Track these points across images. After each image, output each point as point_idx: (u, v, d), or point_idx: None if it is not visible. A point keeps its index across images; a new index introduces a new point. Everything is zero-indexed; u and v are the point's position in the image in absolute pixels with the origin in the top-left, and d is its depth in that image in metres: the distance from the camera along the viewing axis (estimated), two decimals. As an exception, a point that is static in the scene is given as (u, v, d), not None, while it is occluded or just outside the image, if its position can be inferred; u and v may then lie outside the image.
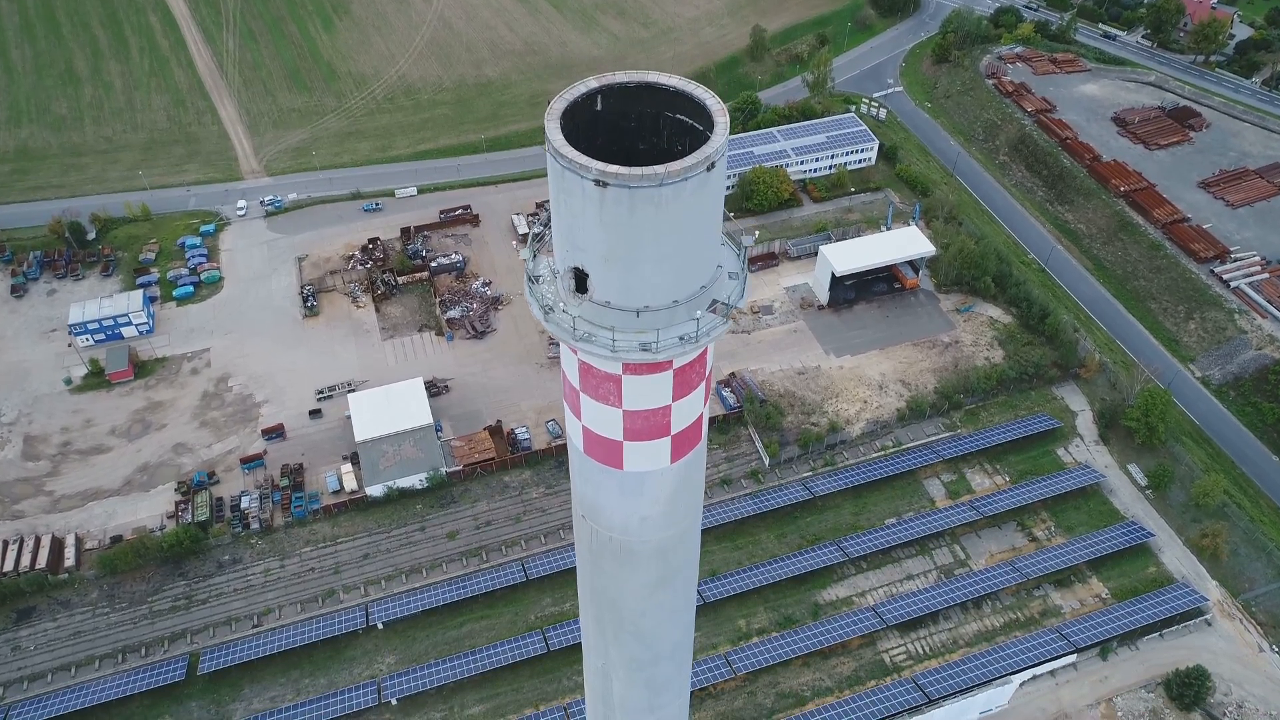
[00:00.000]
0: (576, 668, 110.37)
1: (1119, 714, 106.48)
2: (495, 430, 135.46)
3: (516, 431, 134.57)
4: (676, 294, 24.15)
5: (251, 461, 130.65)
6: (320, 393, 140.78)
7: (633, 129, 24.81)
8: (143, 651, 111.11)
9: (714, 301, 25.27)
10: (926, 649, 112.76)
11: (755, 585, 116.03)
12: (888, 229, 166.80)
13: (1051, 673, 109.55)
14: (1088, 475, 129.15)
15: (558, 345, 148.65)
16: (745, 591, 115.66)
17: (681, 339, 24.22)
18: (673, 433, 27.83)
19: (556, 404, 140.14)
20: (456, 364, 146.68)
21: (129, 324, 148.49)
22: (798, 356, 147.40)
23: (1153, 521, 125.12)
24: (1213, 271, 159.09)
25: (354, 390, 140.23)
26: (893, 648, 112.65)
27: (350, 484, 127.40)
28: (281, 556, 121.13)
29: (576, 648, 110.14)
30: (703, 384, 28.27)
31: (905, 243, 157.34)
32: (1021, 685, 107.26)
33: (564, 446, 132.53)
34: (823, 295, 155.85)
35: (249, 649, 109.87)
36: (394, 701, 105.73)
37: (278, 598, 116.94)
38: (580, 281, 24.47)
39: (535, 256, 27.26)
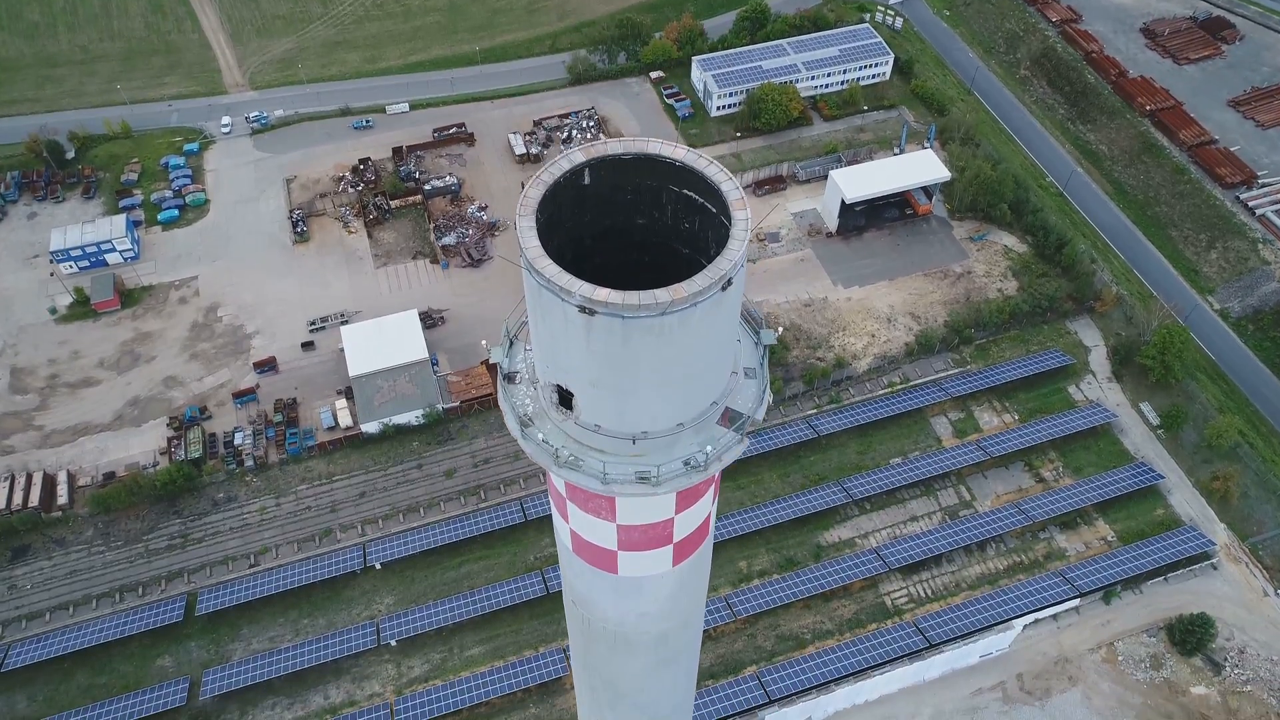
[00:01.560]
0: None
1: (1120, 658, 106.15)
2: (492, 364, 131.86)
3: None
4: (681, 416, 20.13)
5: (244, 396, 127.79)
6: (312, 324, 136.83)
7: (628, 201, 20.35)
8: (140, 591, 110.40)
9: (728, 412, 21.20)
10: (928, 592, 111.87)
11: (757, 527, 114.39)
12: (901, 151, 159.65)
13: (1053, 617, 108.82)
14: (1099, 414, 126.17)
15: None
16: (747, 533, 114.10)
17: (688, 465, 20.34)
18: (675, 541, 24.23)
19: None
20: (452, 294, 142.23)
21: (113, 250, 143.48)
22: (804, 287, 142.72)
23: (1163, 463, 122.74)
24: (1238, 198, 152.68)
25: (347, 322, 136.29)
26: (894, 590, 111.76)
27: (345, 420, 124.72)
28: (277, 494, 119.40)
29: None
30: (711, 488, 24.42)
31: (919, 167, 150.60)
32: (1023, 629, 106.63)
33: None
34: (831, 222, 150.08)
35: (246, 589, 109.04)
36: (393, 643, 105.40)
37: (274, 537, 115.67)
38: (565, 398, 20.40)
39: (512, 345, 22.89)
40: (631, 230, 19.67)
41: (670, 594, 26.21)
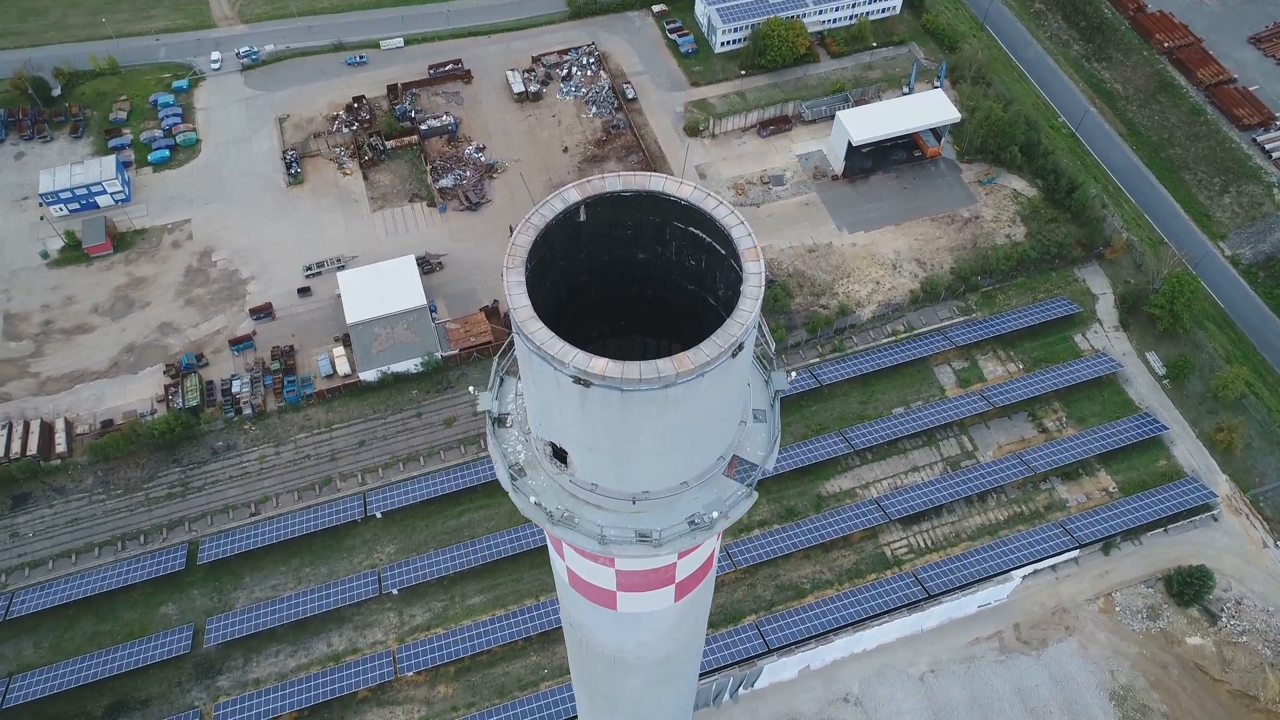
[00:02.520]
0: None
1: (1117, 609, 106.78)
2: (491, 311, 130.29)
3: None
4: (686, 475, 18.65)
5: (240, 343, 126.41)
6: (308, 269, 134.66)
7: (629, 237, 18.55)
8: (141, 539, 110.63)
9: (735, 462, 19.68)
10: (928, 542, 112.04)
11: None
12: (910, 91, 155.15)
13: (1052, 567, 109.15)
14: (1104, 364, 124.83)
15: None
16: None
17: (693, 525, 18.94)
18: (678, 580, 22.98)
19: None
20: (450, 238, 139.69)
21: (103, 193, 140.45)
22: (809, 232, 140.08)
23: (1168, 413, 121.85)
24: (1255, 140, 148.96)
25: (344, 267, 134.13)
26: (894, 541, 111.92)
27: (343, 368, 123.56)
28: (276, 443, 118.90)
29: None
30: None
31: (928, 108, 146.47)
32: (1022, 580, 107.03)
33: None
34: (837, 164, 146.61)
35: (248, 538, 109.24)
36: (395, 591, 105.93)
37: (274, 485, 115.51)
38: (560, 453, 18.85)
39: (503, 382, 21.18)
40: (632, 265, 18.02)
41: (672, 626, 25.24)
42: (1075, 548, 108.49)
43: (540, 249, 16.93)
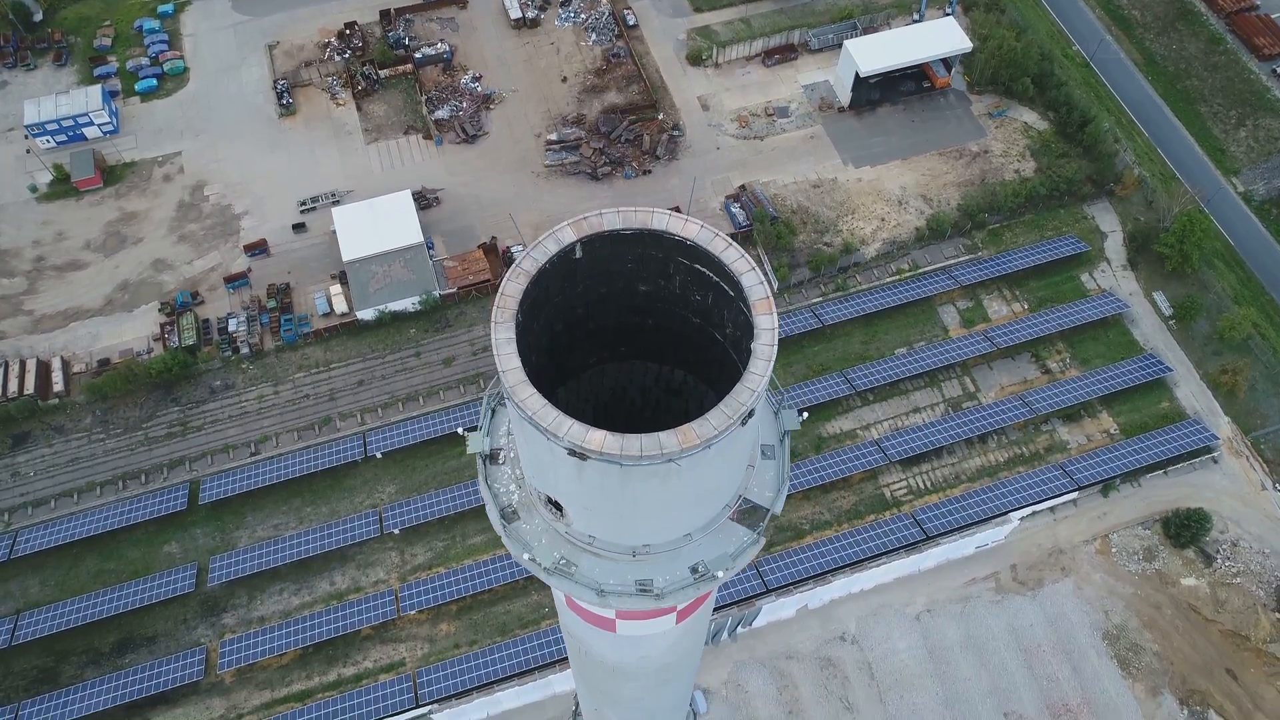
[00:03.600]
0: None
1: (1114, 550, 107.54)
2: (489, 248, 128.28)
3: (512, 250, 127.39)
4: (689, 528, 17.51)
5: (236, 280, 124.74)
6: (303, 204, 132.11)
7: (629, 270, 17.06)
8: (143, 479, 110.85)
9: (742, 501, 18.53)
10: (928, 483, 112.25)
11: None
12: (920, 19, 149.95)
13: (1051, 509, 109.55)
14: (1110, 305, 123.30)
15: (555, 151, 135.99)
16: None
17: (697, 574, 17.85)
18: (679, 607, 22.08)
19: (554, 218, 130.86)
20: (446, 172, 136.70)
21: (90, 124, 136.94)
22: (813, 167, 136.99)
23: (1172, 354, 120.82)
24: (1275, 71, 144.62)
25: (338, 202, 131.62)
26: (894, 482, 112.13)
27: (340, 306, 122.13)
28: (274, 382, 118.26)
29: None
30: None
31: (939, 37, 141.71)
32: (1020, 521, 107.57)
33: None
34: (844, 96, 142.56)
35: (249, 478, 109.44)
36: (397, 531, 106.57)
37: (274, 425, 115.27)
38: (555, 503, 17.66)
39: (494, 415, 19.84)
40: (633, 297, 16.70)
41: (672, 643, 24.55)
42: (1074, 490, 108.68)
43: (532, 292, 15.61)
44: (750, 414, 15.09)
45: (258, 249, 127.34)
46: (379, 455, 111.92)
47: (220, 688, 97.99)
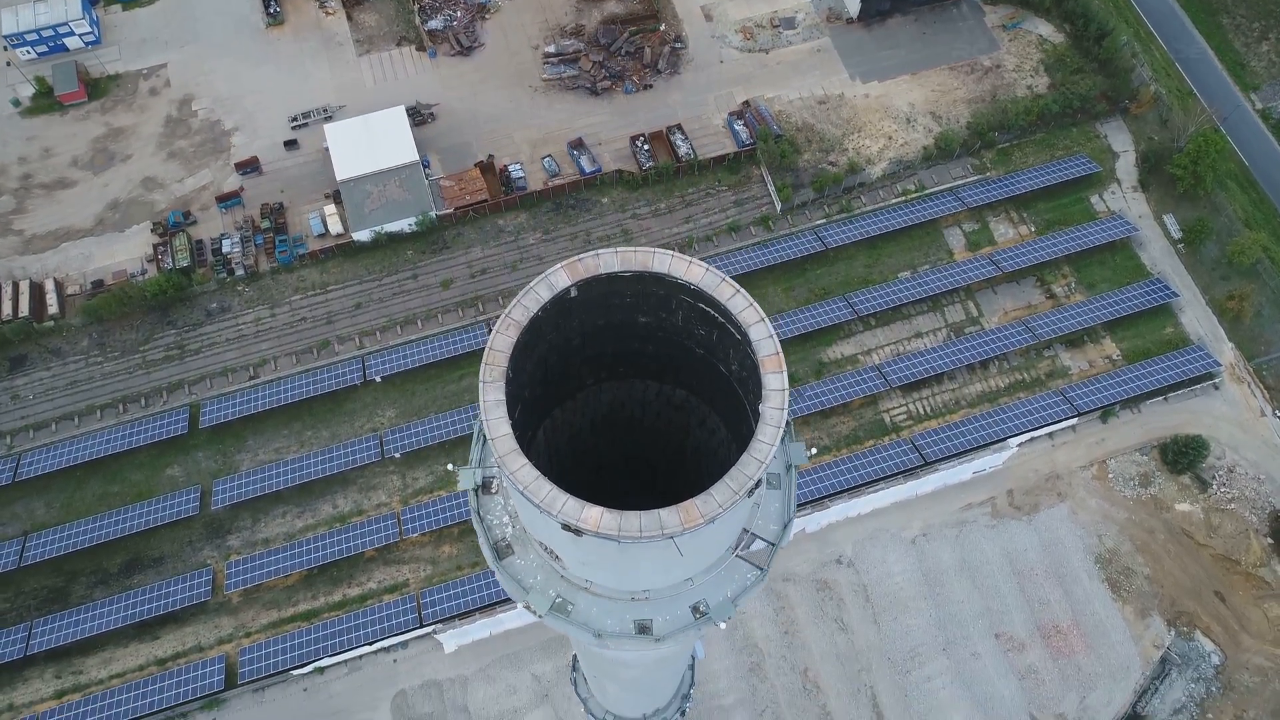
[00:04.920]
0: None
1: (1111, 476, 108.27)
2: (486, 167, 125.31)
3: (510, 169, 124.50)
4: (690, 574, 16.62)
5: (228, 200, 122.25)
6: (294, 120, 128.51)
7: (628, 303, 15.77)
8: (142, 402, 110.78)
9: (744, 534, 17.63)
10: (928, 409, 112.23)
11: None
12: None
13: (1049, 435, 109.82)
14: (1119, 228, 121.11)
15: (553, 64, 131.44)
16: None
17: (698, 613, 17.03)
18: None
19: (552, 135, 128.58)
20: (441, 86, 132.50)
21: (71, 34, 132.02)
22: (820, 82, 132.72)
23: (1179, 279, 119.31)
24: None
25: (330, 118, 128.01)
26: (894, 408, 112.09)
27: (335, 227, 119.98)
28: (271, 305, 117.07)
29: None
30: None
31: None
32: (1018, 447, 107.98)
33: (561, 187, 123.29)
34: (853, 6, 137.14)
35: (248, 402, 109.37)
36: (398, 455, 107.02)
37: (272, 348, 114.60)
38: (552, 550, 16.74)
39: (484, 443, 18.76)
40: (632, 327, 15.53)
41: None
42: (1074, 416, 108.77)
43: (524, 339, 14.49)
44: (758, 485, 14.18)
45: (249, 167, 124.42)
46: (378, 379, 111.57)
47: (228, 607, 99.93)
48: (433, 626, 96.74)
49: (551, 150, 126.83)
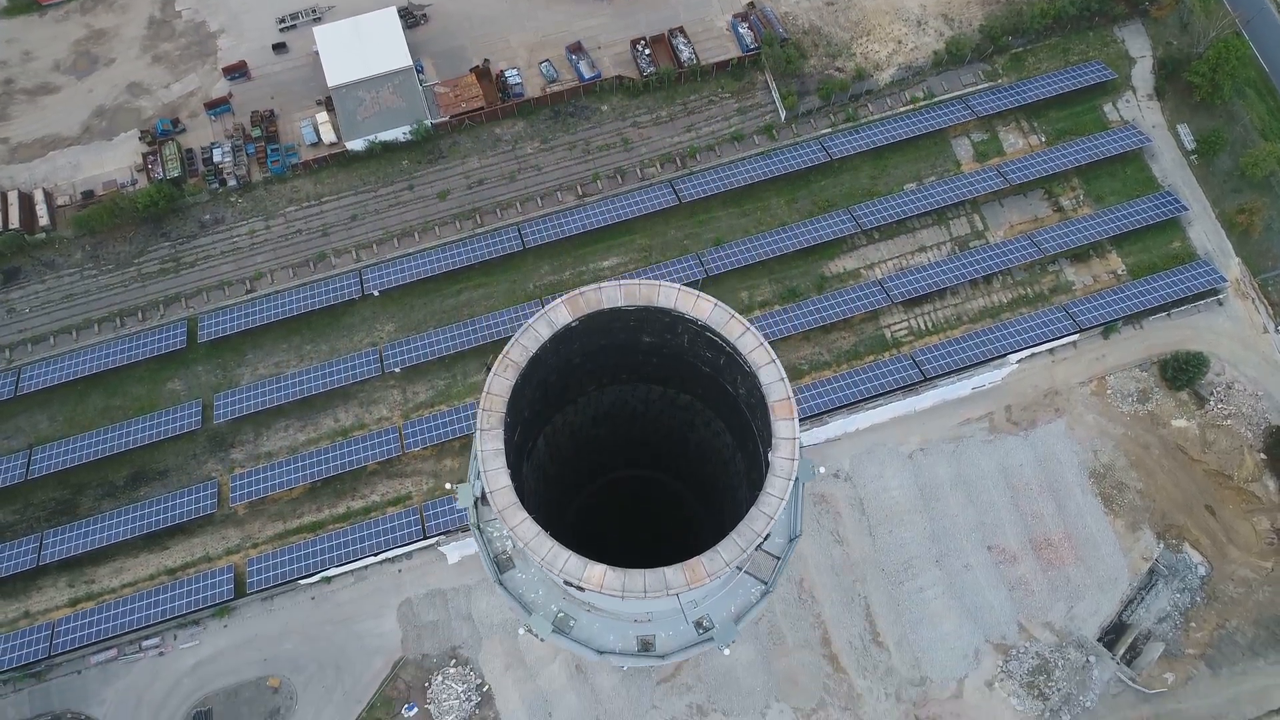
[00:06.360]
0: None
1: (1109, 391, 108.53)
2: (483, 73, 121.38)
3: (507, 74, 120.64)
4: (694, 597, 16.10)
5: (217, 107, 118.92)
6: (282, 22, 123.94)
7: (632, 326, 14.77)
8: (140, 316, 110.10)
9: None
10: (929, 324, 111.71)
11: (761, 257, 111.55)
12: None
13: (1050, 351, 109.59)
14: (1131, 138, 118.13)
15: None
16: (750, 264, 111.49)
17: (701, 629, 16.56)
18: None
19: (551, 40, 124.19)
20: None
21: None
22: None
23: (1190, 191, 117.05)
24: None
25: (320, 20, 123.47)
26: (895, 323, 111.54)
27: (328, 136, 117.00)
28: (265, 216, 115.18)
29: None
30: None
31: None
32: (1018, 363, 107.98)
33: (560, 94, 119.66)
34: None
35: (246, 316, 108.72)
36: (398, 369, 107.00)
37: (267, 261, 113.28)
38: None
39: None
40: (636, 347, 14.66)
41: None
42: (1075, 332, 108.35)
43: (525, 371, 13.65)
44: (765, 539, 13.63)
45: (237, 72, 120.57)
46: (376, 293, 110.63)
47: (234, 519, 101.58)
48: (437, 538, 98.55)
49: (549, 55, 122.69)
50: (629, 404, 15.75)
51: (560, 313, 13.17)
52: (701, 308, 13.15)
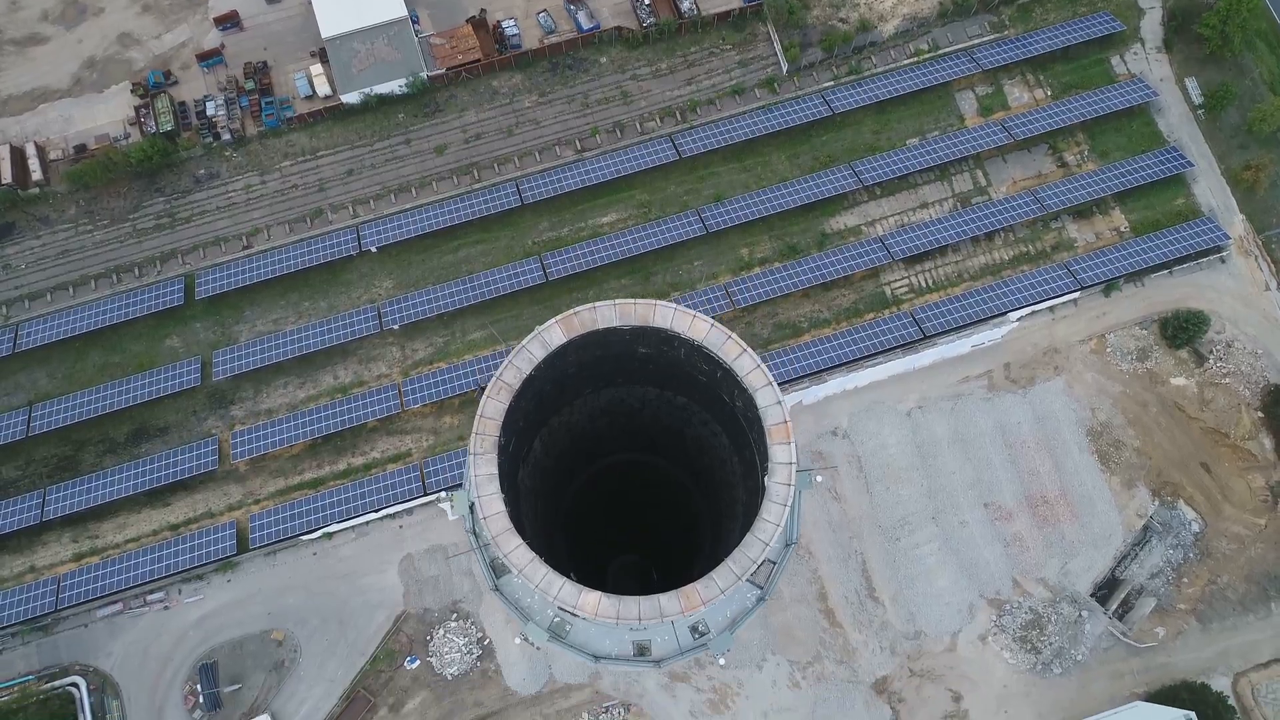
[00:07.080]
0: (575, 296, 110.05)
1: (1108, 349, 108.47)
2: (479, 24, 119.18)
3: (504, 25, 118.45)
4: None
5: (209, 59, 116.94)
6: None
7: (628, 340, 14.47)
8: (136, 272, 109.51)
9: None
10: (930, 282, 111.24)
11: (762, 214, 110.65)
12: None
13: (1050, 308, 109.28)
14: (1138, 92, 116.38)
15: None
16: (750, 220, 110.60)
17: (697, 634, 16.54)
18: None
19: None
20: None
21: None
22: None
23: (1195, 147, 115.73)
24: None
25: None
26: (895, 280, 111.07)
27: (323, 88, 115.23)
28: (261, 171, 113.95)
29: (574, 277, 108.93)
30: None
31: None
32: (1018, 321, 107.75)
33: (558, 46, 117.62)
34: None
35: (243, 272, 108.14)
36: (396, 327, 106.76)
37: (264, 217, 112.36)
38: None
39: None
40: (631, 356, 14.41)
41: None
42: (1077, 290, 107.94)
43: (519, 390, 13.44)
44: (761, 565, 13.58)
45: (229, 22, 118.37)
46: (374, 250, 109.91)
47: (235, 475, 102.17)
48: (437, 494, 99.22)
49: (547, 5, 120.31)
50: (626, 402, 15.73)
51: (554, 333, 12.99)
52: (698, 328, 12.94)
